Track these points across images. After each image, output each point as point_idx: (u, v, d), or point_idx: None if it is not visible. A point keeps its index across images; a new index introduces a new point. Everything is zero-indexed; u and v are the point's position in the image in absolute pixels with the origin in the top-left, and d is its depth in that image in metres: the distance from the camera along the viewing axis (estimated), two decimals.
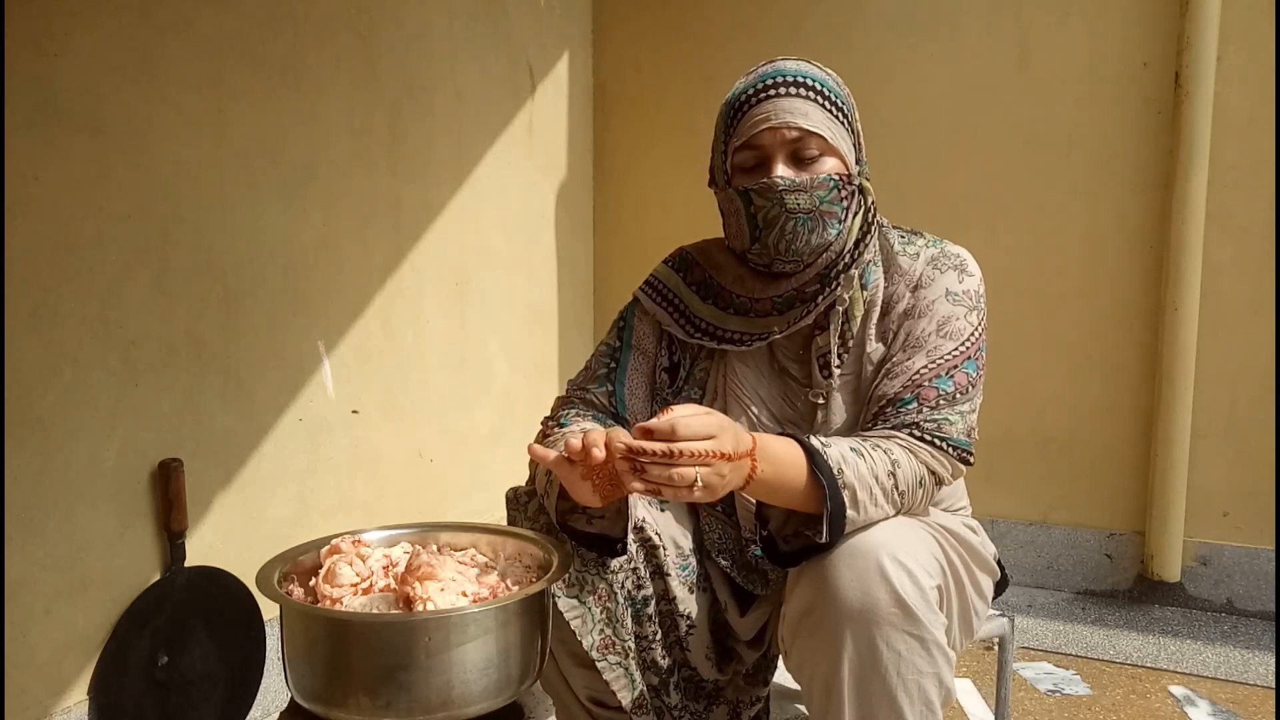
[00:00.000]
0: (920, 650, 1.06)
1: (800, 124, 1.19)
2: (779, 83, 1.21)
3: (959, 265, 1.27)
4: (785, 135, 1.20)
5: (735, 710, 1.39)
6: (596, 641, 1.23)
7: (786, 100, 1.20)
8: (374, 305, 2.22)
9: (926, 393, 1.19)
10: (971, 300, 1.26)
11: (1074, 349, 2.63)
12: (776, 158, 1.21)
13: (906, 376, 1.20)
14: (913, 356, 1.22)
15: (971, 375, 1.22)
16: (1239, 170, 2.42)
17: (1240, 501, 2.49)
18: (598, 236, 3.16)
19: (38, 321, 1.55)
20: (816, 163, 1.21)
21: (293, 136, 1.98)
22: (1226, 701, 2.05)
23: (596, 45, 3.09)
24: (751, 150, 1.23)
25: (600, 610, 1.23)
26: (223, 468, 1.88)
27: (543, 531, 1.24)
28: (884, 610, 1.04)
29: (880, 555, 1.05)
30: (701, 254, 1.40)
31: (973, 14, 2.65)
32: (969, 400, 1.21)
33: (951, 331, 1.23)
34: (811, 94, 1.21)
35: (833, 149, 1.22)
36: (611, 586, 1.24)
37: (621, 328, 1.39)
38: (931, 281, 1.26)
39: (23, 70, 1.51)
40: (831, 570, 1.06)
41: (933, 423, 1.17)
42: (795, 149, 1.21)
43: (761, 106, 1.21)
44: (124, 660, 1.68)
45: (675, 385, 1.37)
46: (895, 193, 2.73)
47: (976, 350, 1.23)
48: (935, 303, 1.24)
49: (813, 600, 1.08)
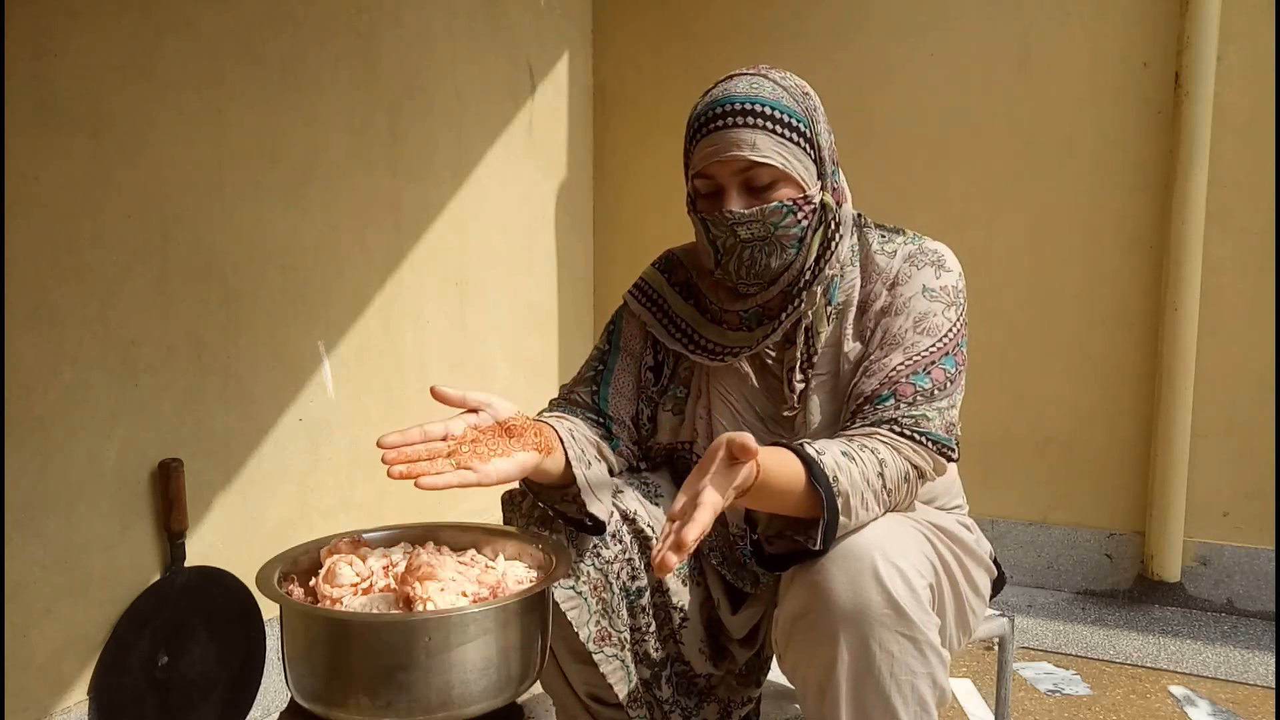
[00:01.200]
0: (914, 651, 1.06)
1: (749, 156, 1.19)
2: (728, 111, 1.20)
3: (936, 261, 1.27)
4: (735, 166, 1.21)
5: (726, 709, 1.39)
6: (593, 633, 1.24)
7: (734, 132, 1.20)
8: (374, 305, 2.22)
9: (904, 389, 1.19)
10: (949, 296, 1.25)
11: (1074, 349, 2.63)
12: (729, 189, 1.22)
13: (884, 374, 1.20)
14: (890, 354, 1.21)
15: (950, 371, 1.21)
16: (1239, 170, 2.42)
17: (1240, 501, 2.49)
18: (598, 236, 3.16)
19: (38, 321, 1.55)
20: (770, 190, 1.22)
21: (293, 136, 1.98)
22: (1226, 701, 2.05)
23: (596, 45, 3.09)
24: (706, 179, 1.25)
25: (596, 601, 1.24)
26: (223, 468, 1.88)
27: (539, 530, 1.24)
28: (877, 611, 1.04)
29: (873, 556, 1.05)
30: (687, 255, 1.42)
31: (973, 14, 2.65)
32: (947, 396, 1.20)
33: (929, 328, 1.22)
34: (760, 120, 1.20)
35: (786, 176, 1.21)
36: (606, 577, 1.25)
37: (611, 331, 1.42)
38: (908, 278, 1.26)
39: (23, 70, 1.51)
40: (824, 573, 1.06)
41: (910, 419, 1.17)
42: (746, 179, 1.22)
43: (711, 138, 1.22)
44: (124, 660, 1.68)
45: (660, 384, 1.38)
46: (895, 193, 2.74)
47: (955, 346, 1.23)
48: (912, 299, 1.24)
49: (806, 603, 1.08)
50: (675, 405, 1.37)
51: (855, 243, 1.31)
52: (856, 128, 2.75)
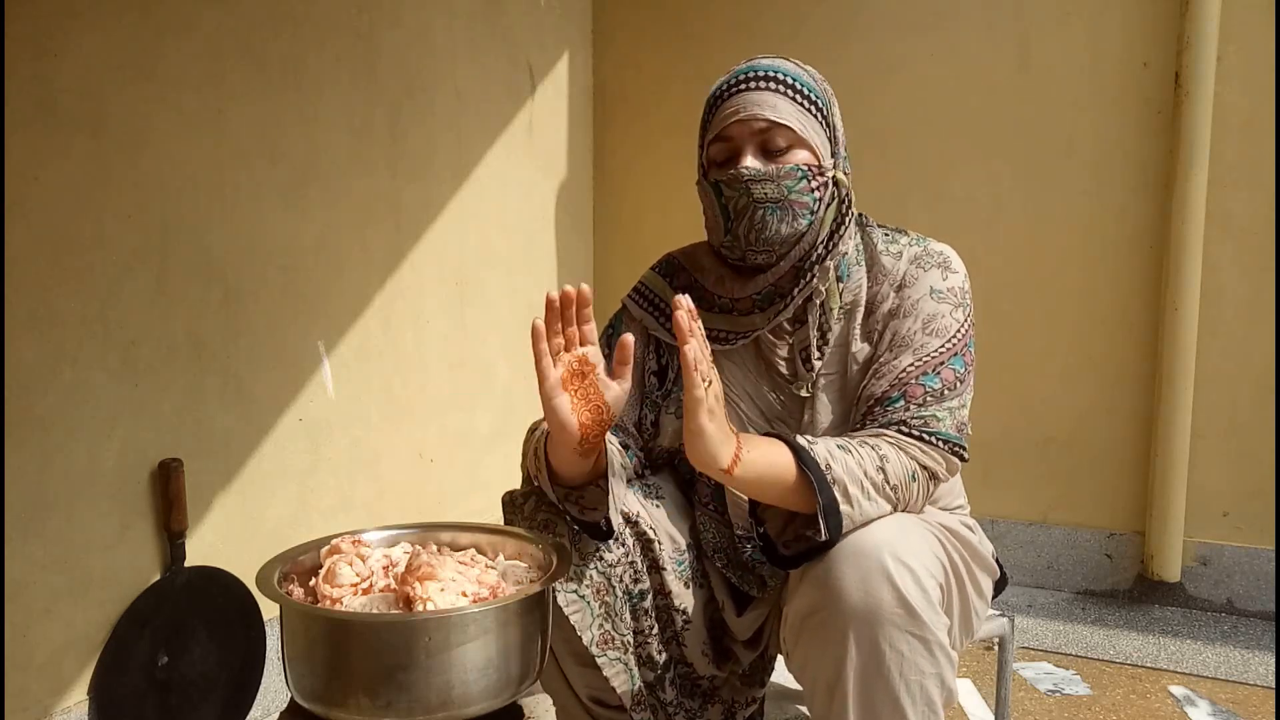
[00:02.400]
0: (923, 651, 1.06)
1: (768, 116, 1.21)
2: (750, 77, 1.23)
3: (943, 263, 1.27)
4: (753, 127, 1.22)
5: (730, 710, 1.39)
6: (596, 637, 1.24)
7: (756, 94, 1.22)
8: (374, 305, 2.22)
9: (913, 390, 1.19)
10: (957, 297, 1.25)
11: (1074, 349, 2.63)
12: (745, 149, 1.23)
13: (893, 375, 1.21)
14: (899, 356, 1.22)
15: (959, 371, 1.21)
16: (1239, 170, 2.42)
17: (1240, 501, 2.49)
18: (598, 236, 3.16)
19: (38, 321, 1.55)
20: (786, 154, 1.23)
21: (293, 136, 1.98)
22: (1226, 701, 2.05)
23: (596, 45, 3.09)
24: (723, 143, 1.25)
25: (599, 604, 1.24)
26: (223, 468, 1.88)
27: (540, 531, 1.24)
28: (887, 611, 1.04)
29: (883, 555, 1.05)
30: (687, 258, 1.42)
31: (973, 14, 2.65)
32: (957, 396, 1.20)
33: (937, 329, 1.23)
34: (782, 88, 1.22)
35: (803, 141, 1.23)
36: (609, 580, 1.25)
37: (610, 335, 1.41)
38: (915, 280, 1.26)
39: (23, 70, 1.51)
40: (834, 571, 1.06)
41: (920, 419, 1.17)
42: (764, 141, 1.22)
43: (732, 100, 1.23)
44: (124, 660, 1.68)
45: (665, 388, 1.37)
46: (896, 193, 2.74)
47: (964, 347, 1.23)
48: (920, 301, 1.24)
49: (816, 601, 1.08)
50: (679, 409, 1.36)
51: (860, 242, 1.31)
52: (857, 128, 2.72)
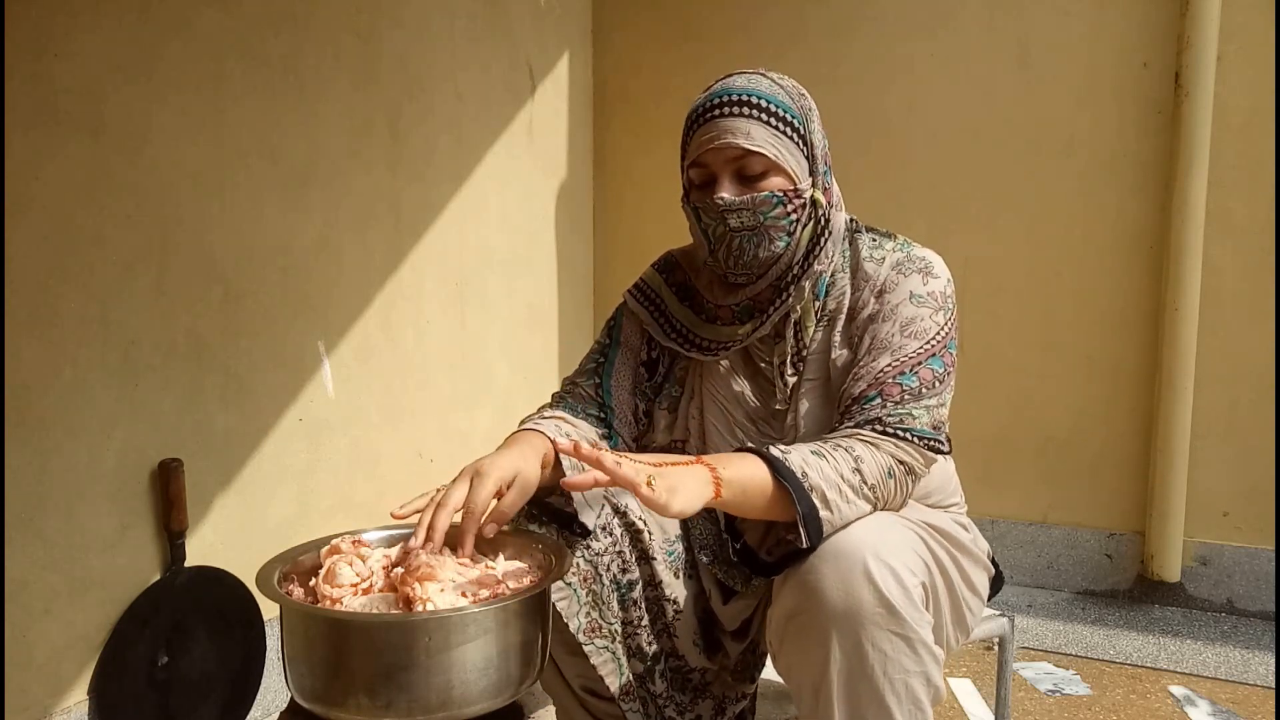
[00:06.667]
0: (906, 649, 1.06)
1: (742, 144, 1.22)
2: (724, 102, 1.23)
3: (924, 269, 1.28)
4: (728, 154, 1.23)
5: (720, 705, 1.40)
6: (583, 625, 1.25)
7: (729, 120, 1.22)
8: (374, 305, 2.22)
9: (890, 389, 1.20)
10: (937, 301, 1.26)
11: (1074, 349, 2.63)
12: (721, 177, 1.24)
13: (871, 375, 1.21)
14: (877, 357, 1.23)
15: (938, 371, 1.22)
16: (1239, 170, 2.42)
17: (1240, 501, 2.49)
18: (598, 236, 3.16)
19: (38, 321, 1.55)
20: (762, 179, 1.23)
21: (293, 136, 1.98)
22: (1226, 701, 2.05)
23: (596, 45, 3.09)
24: (700, 169, 1.27)
25: (586, 593, 1.26)
26: (223, 468, 1.88)
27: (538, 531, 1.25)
28: (869, 610, 1.04)
29: (864, 555, 1.06)
30: (685, 257, 1.45)
31: (973, 13, 2.65)
32: (935, 395, 1.21)
33: (916, 331, 1.23)
34: (756, 112, 1.22)
35: (778, 166, 1.23)
36: (596, 569, 1.27)
37: (612, 326, 1.45)
38: (895, 286, 1.27)
39: (23, 70, 1.51)
40: (816, 573, 1.07)
41: (895, 417, 1.18)
42: (739, 168, 1.23)
43: (707, 126, 1.24)
44: (124, 660, 1.68)
45: (655, 381, 1.41)
46: (896, 193, 2.75)
47: (943, 348, 1.24)
48: (899, 306, 1.25)
49: (798, 603, 1.08)
50: (670, 404, 1.39)
51: (847, 249, 1.32)
52: (857, 128, 2.75)
